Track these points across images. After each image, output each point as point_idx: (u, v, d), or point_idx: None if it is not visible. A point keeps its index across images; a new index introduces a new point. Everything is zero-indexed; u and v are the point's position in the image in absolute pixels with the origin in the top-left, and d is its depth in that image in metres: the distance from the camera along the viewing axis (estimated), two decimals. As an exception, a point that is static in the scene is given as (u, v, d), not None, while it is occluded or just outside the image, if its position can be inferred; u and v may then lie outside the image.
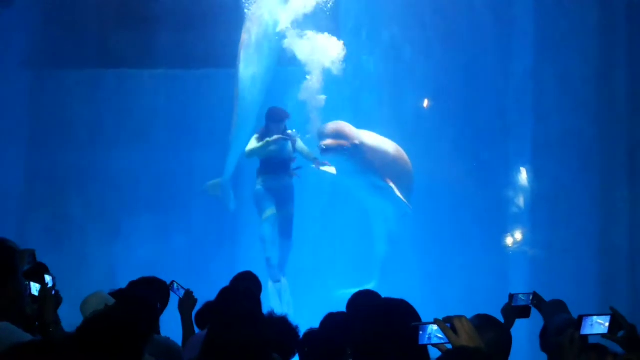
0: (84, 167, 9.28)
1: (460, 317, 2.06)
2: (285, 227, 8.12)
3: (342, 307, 3.56)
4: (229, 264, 8.49)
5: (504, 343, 2.51)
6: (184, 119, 9.33)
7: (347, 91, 8.55)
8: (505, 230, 9.04)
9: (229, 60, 9.21)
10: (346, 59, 8.46)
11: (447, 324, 2.05)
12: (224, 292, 3.01)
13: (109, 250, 9.00)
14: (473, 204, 8.87)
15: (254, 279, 4.12)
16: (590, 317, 2.76)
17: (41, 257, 4.62)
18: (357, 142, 7.95)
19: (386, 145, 8.37)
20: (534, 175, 8.97)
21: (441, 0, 8.84)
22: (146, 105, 9.40)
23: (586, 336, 2.84)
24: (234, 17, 8.98)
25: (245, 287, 3.46)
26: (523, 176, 9.10)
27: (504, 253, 8.94)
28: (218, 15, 9.14)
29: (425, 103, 9.51)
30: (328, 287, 8.43)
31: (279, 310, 7.11)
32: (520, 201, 8.99)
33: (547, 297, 4.20)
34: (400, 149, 8.44)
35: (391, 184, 8.18)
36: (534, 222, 8.81)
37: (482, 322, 2.48)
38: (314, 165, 8.02)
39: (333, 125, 7.90)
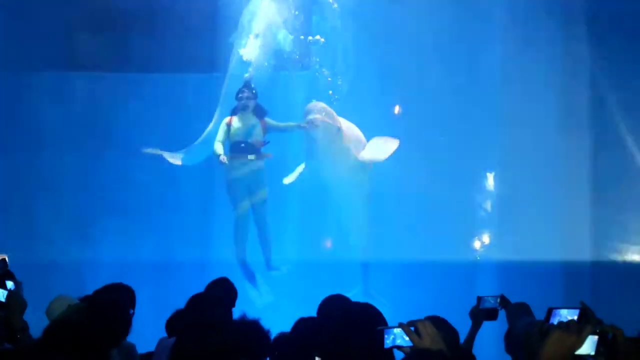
0: (52, 171, 9.15)
1: (423, 321, 2.15)
2: (258, 212, 8.03)
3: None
4: (199, 268, 8.46)
5: (452, 342, 2.64)
6: (153, 123, 9.26)
7: (319, 96, 8.61)
8: (473, 233, 9.18)
9: (201, 64, 9.23)
10: (322, 63, 8.61)
11: (412, 327, 2.12)
12: (193, 300, 3.02)
13: (77, 255, 8.88)
14: (441, 207, 8.98)
15: (229, 286, 4.14)
16: (559, 310, 2.85)
17: (9, 263, 4.58)
18: (340, 125, 8.09)
19: (355, 130, 8.56)
20: (501, 181, 9.13)
21: (409, 7, 8.92)
22: (116, 109, 9.32)
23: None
24: (207, 21, 9.00)
25: (215, 294, 3.48)
26: (490, 181, 9.27)
27: (472, 256, 9.08)
28: (190, 18, 9.13)
29: (396, 109, 9.62)
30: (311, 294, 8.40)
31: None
32: (488, 205, 9.16)
33: (514, 300, 4.31)
34: (355, 126, 8.56)
35: (365, 154, 8.33)
36: (501, 227, 8.97)
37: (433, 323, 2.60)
38: (302, 125, 7.80)
39: (321, 105, 7.98)
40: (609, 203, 8.51)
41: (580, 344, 1.97)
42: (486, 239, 9.13)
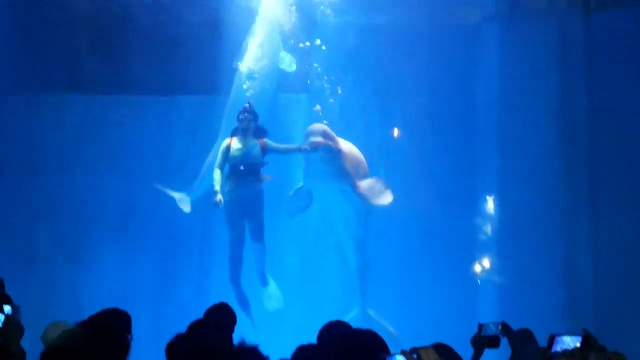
0: (50, 194, 9.13)
1: (426, 348, 2.12)
2: (256, 232, 8.00)
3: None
4: (197, 293, 8.41)
5: None
6: (152, 146, 9.28)
7: (319, 120, 8.65)
8: (474, 258, 9.15)
9: (200, 87, 9.29)
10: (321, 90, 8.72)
11: (414, 354, 2.10)
12: (194, 325, 2.99)
13: (75, 279, 8.82)
14: (442, 232, 8.97)
15: (228, 311, 4.09)
16: (561, 337, 2.81)
17: (7, 287, 4.54)
18: (340, 147, 8.09)
19: (355, 151, 8.56)
20: (500, 204, 9.13)
21: (410, 36, 9.05)
22: (114, 132, 9.34)
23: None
24: (207, 45, 9.08)
25: (216, 320, 3.44)
26: (490, 206, 9.26)
27: (472, 281, 9.03)
28: (191, 42, 9.21)
29: (395, 132, 9.66)
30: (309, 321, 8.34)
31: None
32: (488, 229, 9.13)
33: (515, 325, 4.27)
34: (355, 148, 8.58)
35: (361, 190, 8.27)
36: (501, 250, 8.94)
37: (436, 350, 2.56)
38: (303, 147, 7.79)
39: (321, 126, 7.98)
40: (609, 226, 8.49)
41: None
42: (486, 262, 9.09)
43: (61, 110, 9.46)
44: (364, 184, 8.42)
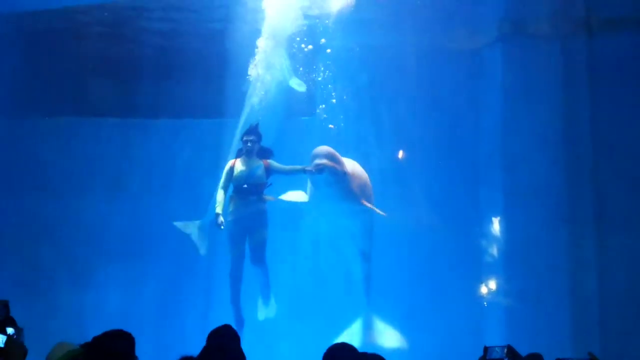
0: (55, 215, 9.16)
1: None
2: (257, 253, 7.97)
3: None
4: (202, 314, 8.38)
5: None
6: (157, 168, 9.33)
7: (322, 140, 8.70)
8: (480, 279, 9.11)
9: (206, 110, 9.38)
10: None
11: None
12: (208, 352, 2.94)
13: (79, 300, 8.81)
14: (447, 253, 8.95)
15: (233, 335, 4.05)
16: None
17: (11, 308, 4.54)
18: (346, 170, 8.10)
19: (360, 171, 8.56)
20: (506, 225, 9.12)
21: (415, 60, 9.16)
22: (119, 154, 9.40)
23: None
24: (212, 68, 9.20)
25: (230, 346, 3.40)
26: (495, 226, 9.25)
27: (479, 303, 8.98)
28: (196, 66, 9.33)
29: (400, 154, 9.70)
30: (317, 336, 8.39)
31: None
32: (494, 251, 9.10)
33: (521, 347, 4.23)
34: (360, 167, 8.60)
35: (368, 205, 8.31)
36: (508, 271, 8.90)
37: None
38: (308, 169, 7.78)
39: (327, 149, 7.98)
40: (615, 245, 8.45)
41: None
42: (493, 283, 9.04)
43: (67, 132, 9.55)
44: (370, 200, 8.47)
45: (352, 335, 8.39)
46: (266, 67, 9.20)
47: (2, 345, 3.35)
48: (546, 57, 9.13)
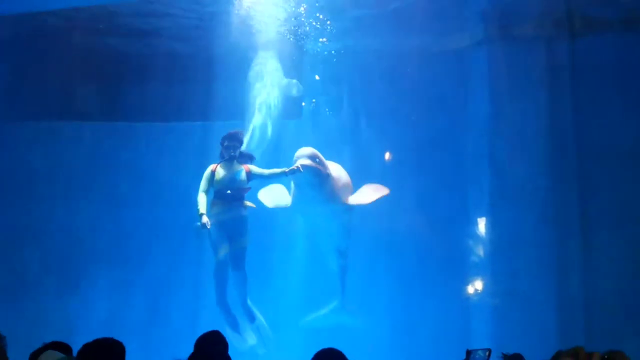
0: (42, 221, 9.09)
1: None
2: (237, 259, 7.96)
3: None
4: (191, 319, 8.35)
5: None
6: (145, 173, 9.28)
7: (315, 143, 8.73)
8: (467, 280, 9.15)
9: (194, 113, 9.36)
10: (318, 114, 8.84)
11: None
12: (195, 358, 2.93)
13: (66, 306, 8.74)
14: (434, 253, 8.99)
15: (221, 340, 4.03)
16: None
17: (-5, 315, 4.50)
18: (329, 171, 8.13)
19: (343, 174, 8.59)
20: (492, 225, 9.18)
21: (401, 61, 9.21)
22: (106, 159, 9.35)
23: None
24: (200, 73, 9.18)
25: (217, 351, 3.39)
26: (482, 227, 9.30)
27: (465, 303, 9.02)
28: (184, 70, 9.31)
29: (387, 156, 9.73)
30: (293, 316, 8.46)
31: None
32: (480, 251, 9.16)
33: (508, 346, 4.27)
34: (344, 170, 8.64)
35: (352, 201, 8.38)
36: (494, 271, 8.95)
37: None
38: (288, 170, 7.76)
39: (311, 150, 7.99)
40: (599, 244, 8.54)
41: None
42: (479, 283, 9.09)
43: (52, 137, 9.48)
44: (355, 195, 8.48)
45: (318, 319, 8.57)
46: (261, 70, 9.30)
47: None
48: (531, 58, 9.21)
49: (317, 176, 7.91)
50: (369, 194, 8.49)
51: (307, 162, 7.81)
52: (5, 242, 9.05)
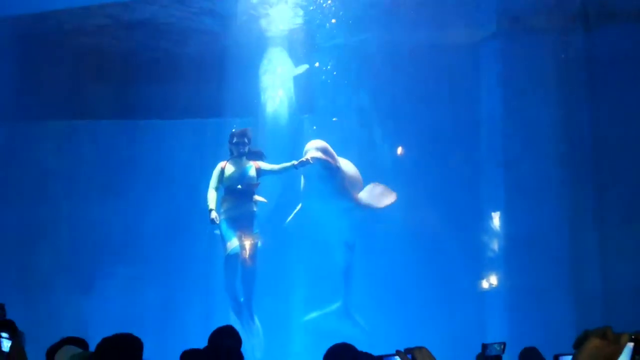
0: (55, 219, 9.15)
1: (420, 348, 2.14)
2: (249, 254, 7.98)
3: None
4: (204, 316, 8.37)
5: None
6: (157, 170, 9.32)
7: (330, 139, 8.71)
8: (482, 275, 9.10)
9: (206, 110, 9.38)
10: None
11: (409, 355, 2.13)
12: (208, 352, 2.93)
13: (80, 304, 8.80)
14: (449, 248, 8.94)
15: (235, 335, 4.05)
16: (565, 357, 2.79)
17: (11, 312, 4.53)
18: (339, 165, 8.09)
19: (353, 169, 8.55)
20: (507, 220, 9.12)
21: (412, 57, 9.15)
22: (118, 156, 9.39)
23: None
24: (211, 70, 9.20)
25: (229, 345, 3.40)
26: (497, 222, 9.24)
27: (481, 298, 8.97)
28: (195, 68, 9.32)
29: (399, 150, 9.69)
30: (296, 313, 8.45)
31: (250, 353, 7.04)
32: (495, 246, 9.10)
33: (524, 342, 4.22)
34: (353, 166, 8.60)
35: (362, 200, 8.31)
36: (509, 266, 8.90)
37: None
38: (297, 163, 7.71)
39: (321, 143, 7.96)
40: (616, 238, 8.44)
41: (619, 352, 1.87)
42: (494, 278, 9.04)
43: (64, 136, 9.53)
44: (363, 194, 8.44)
45: (319, 319, 8.54)
46: (273, 66, 9.35)
47: (6, 350, 3.35)
48: (544, 51, 9.11)
49: (326, 169, 7.88)
50: (379, 198, 8.41)
51: (317, 154, 7.79)
52: (19, 241, 9.12)
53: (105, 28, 9.26)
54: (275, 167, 7.98)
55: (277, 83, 9.45)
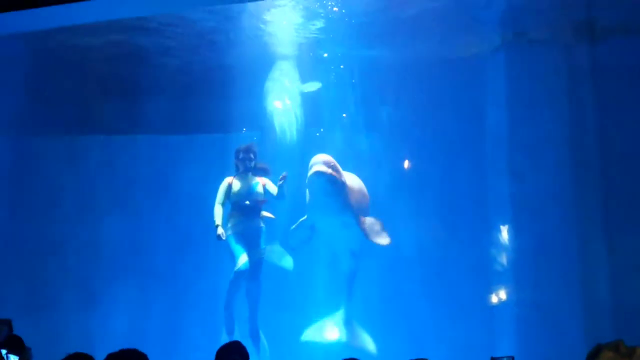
0: (63, 235, 9.17)
1: None
2: (253, 270, 7.94)
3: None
4: (211, 332, 8.34)
5: None
6: (164, 186, 9.34)
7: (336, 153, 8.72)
8: (490, 289, 9.03)
9: (214, 126, 9.42)
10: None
11: None
12: None
13: (86, 320, 8.78)
14: (456, 263, 8.89)
15: (242, 351, 4.04)
16: None
17: (17, 327, 4.53)
18: (344, 179, 8.04)
19: (359, 184, 8.50)
20: (514, 233, 9.06)
21: (417, 70, 9.18)
22: (126, 172, 9.42)
23: None
24: (219, 86, 9.25)
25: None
26: (504, 235, 9.19)
27: (489, 313, 8.90)
28: (203, 83, 9.38)
29: (406, 164, 9.68)
30: (300, 327, 8.39)
31: None
32: (503, 259, 9.04)
33: (533, 357, 4.19)
34: (359, 180, 8.55)
35: (365, 224, 8.24)
36: (517, 279, 8.83)
37: None
38: (282, 176, 7.77)
39: (326, 157, 7.94)
40: (627, 254, 8.36)
41: None
42: (503, 293, 8.96)
43: (73, 151, 9.58)
44: (367, 221, 8.38)
45: (320, 329, 8.46)
46: (281, 83, 9.40)
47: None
48: (550, 63, 9.10)
49: (332, 183, 7.85)
50: (375, 235, 8.29)
51: (322, 168, 7.77)
52: (27, 256, 9.14)
53: (115, 44, 9.34)
54: (274, 190, 8.00)
55: (285, 97, 9.49)
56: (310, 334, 8.52)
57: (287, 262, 8.84)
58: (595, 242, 8.52)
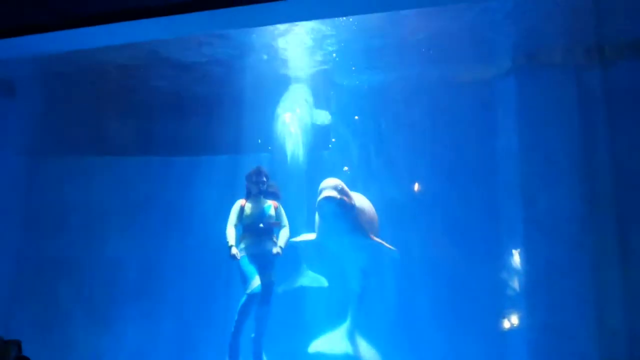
0: (74, 254, 9.23)
1: None
2: (265, 293, 7.94)
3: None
4: (220, 352, 8.30)
5: None
6: (175, 206, 9.40)
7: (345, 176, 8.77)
8: (502, 313, 8.93)
9: (224, 147, 9.50)
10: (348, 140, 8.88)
11: None
12: None
13: (97, 339, 8.79)
14: (468, 287, 8.82)
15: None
16: None
17: (28, 347, 4.55)
18: (353, 202, 8.06)
19: (368, 205, 8.54)
20: (527, 257, 8.98)
21: (429, 94, 9.23)
22: (137, 192, 9.50)
23: None
24: (229, 107, 9.35)
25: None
26: (516, 258, 9.11)
27: (501, 337, 8.79)
28: (213, 104, 9.48)
29: (416, 187, 9.68)
30: (300, 340, 8.34)
31: None
32: (515, 283, 8.95)
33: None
34: (368, 202, 8.58)
35: (377, 240, 8.26)
36: (530, 303, 8.72)
37: None
38: (279, 251, 7.90)
39: (335, 181, 8.01)
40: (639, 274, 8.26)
41: None
42: (515, 318, 8.86)
43: (86, 171, 9.68)
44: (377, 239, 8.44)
45: (327, 342, 8.42)
46: (292, 103, 9.49)
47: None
48: (561, 86, 9.09)
49: (342, 207, 7.88)
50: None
51: (332, 193, 7.82)
52: (38, 275, 9.20)
53: (129, 67, 9.49)
54: (285, 221, 8.02)
55: (296, 120, 9.58)
56: (317, 346, 8.49)
57: (322, 281, 8.95)
58: (609, 264, 8.42)
